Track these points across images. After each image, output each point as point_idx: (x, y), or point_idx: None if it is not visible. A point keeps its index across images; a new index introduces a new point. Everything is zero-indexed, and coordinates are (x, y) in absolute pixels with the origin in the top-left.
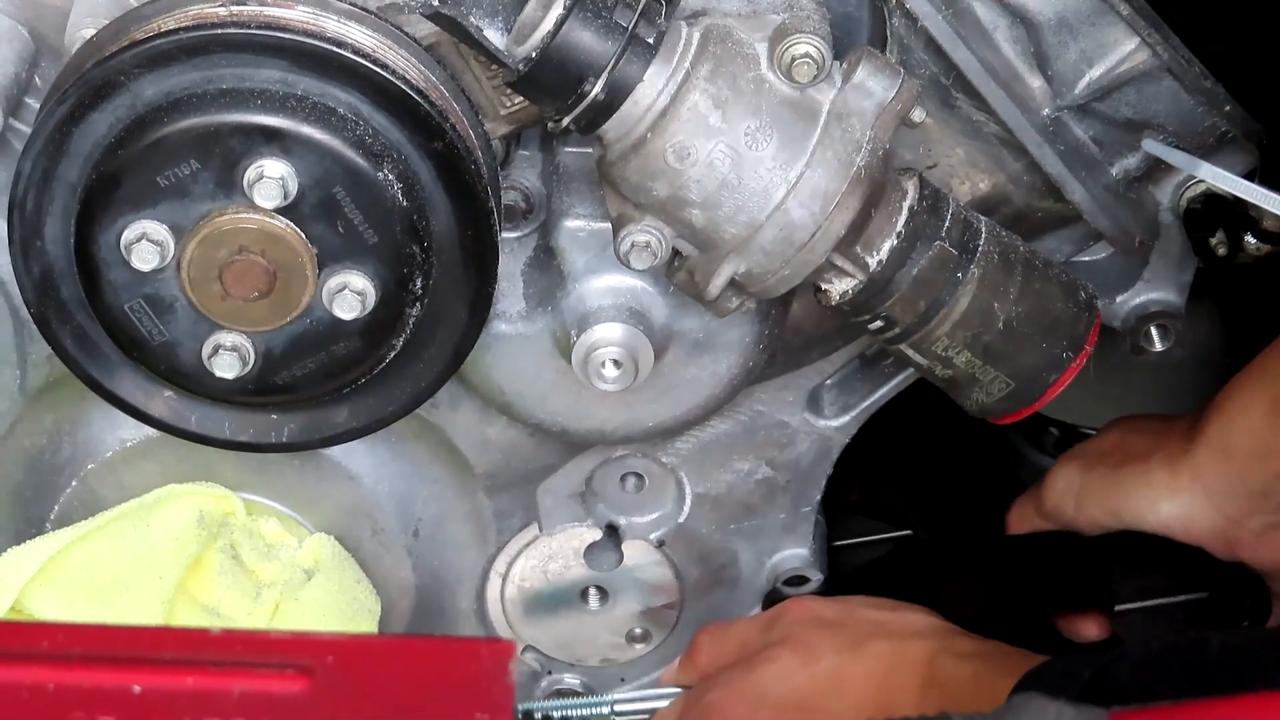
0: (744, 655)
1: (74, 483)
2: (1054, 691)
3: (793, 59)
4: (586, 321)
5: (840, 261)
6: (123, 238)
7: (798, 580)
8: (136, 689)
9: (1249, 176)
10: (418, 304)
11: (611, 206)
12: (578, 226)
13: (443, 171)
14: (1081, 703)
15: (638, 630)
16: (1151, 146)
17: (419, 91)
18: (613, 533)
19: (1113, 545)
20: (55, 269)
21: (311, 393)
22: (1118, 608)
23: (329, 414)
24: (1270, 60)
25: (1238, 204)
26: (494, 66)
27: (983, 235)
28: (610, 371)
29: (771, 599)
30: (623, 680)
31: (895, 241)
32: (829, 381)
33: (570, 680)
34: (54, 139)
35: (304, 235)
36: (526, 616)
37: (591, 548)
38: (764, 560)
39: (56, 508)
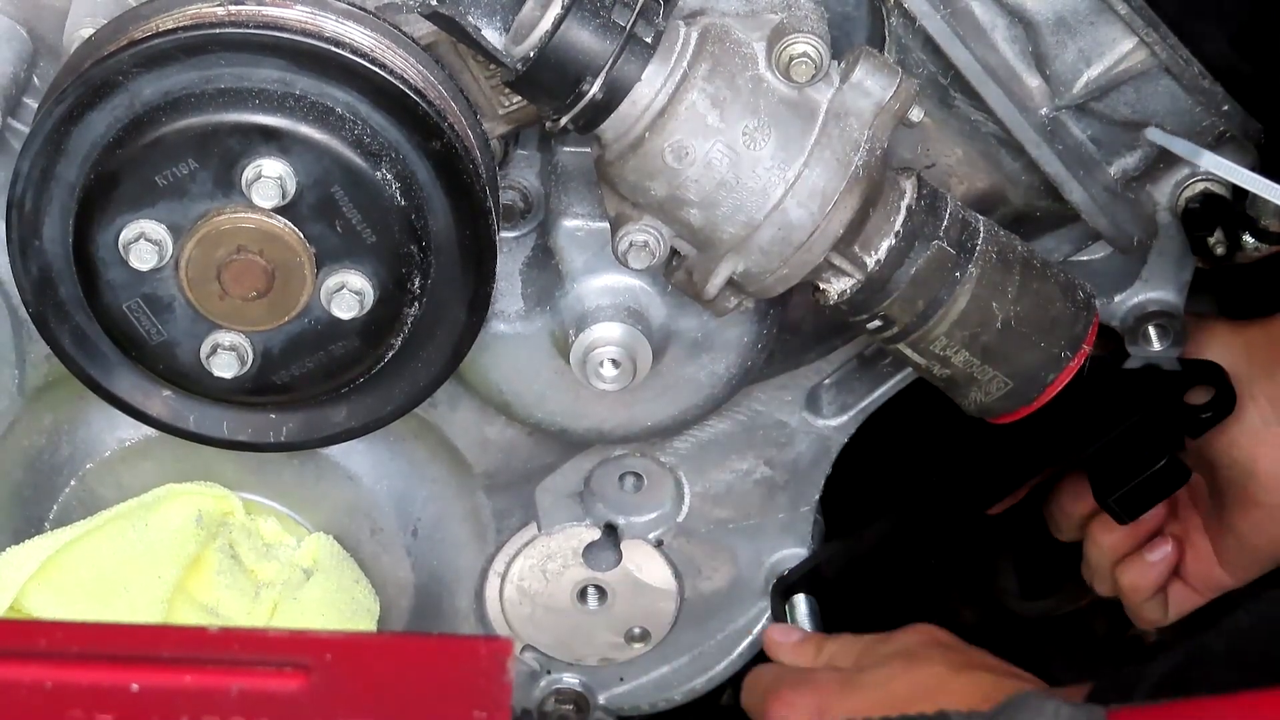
0: (860, 666)
1: (73, 482)
2: (1129, 683)
3: (791, 58)
4: (585, 321)
5: (838, 261)
6: (121, 237)
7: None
8: (135, 687)
9: None
10: (416, 303)
11: (609, 206)
12: (576, 226)
13: (441, 171)
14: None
15: (637, 630)
16: (1155, 135)
17: (417, 91)
18: (611, 532)
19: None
20: (54, 268)
21: (310, 392)
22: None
23: (327, 413)
24: (1269, 60)
25: (1236, 203)
26: (492, 66)
27: (981, 235)
28: (609, 371)
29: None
30: (621, 680)
31: (893, 241)
32: (827, 381)
33: (569, 679)
34: (52, 138)
35: (302, 235)
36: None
37: (590, 547)
38: (763, 559)
39: (55, 507)
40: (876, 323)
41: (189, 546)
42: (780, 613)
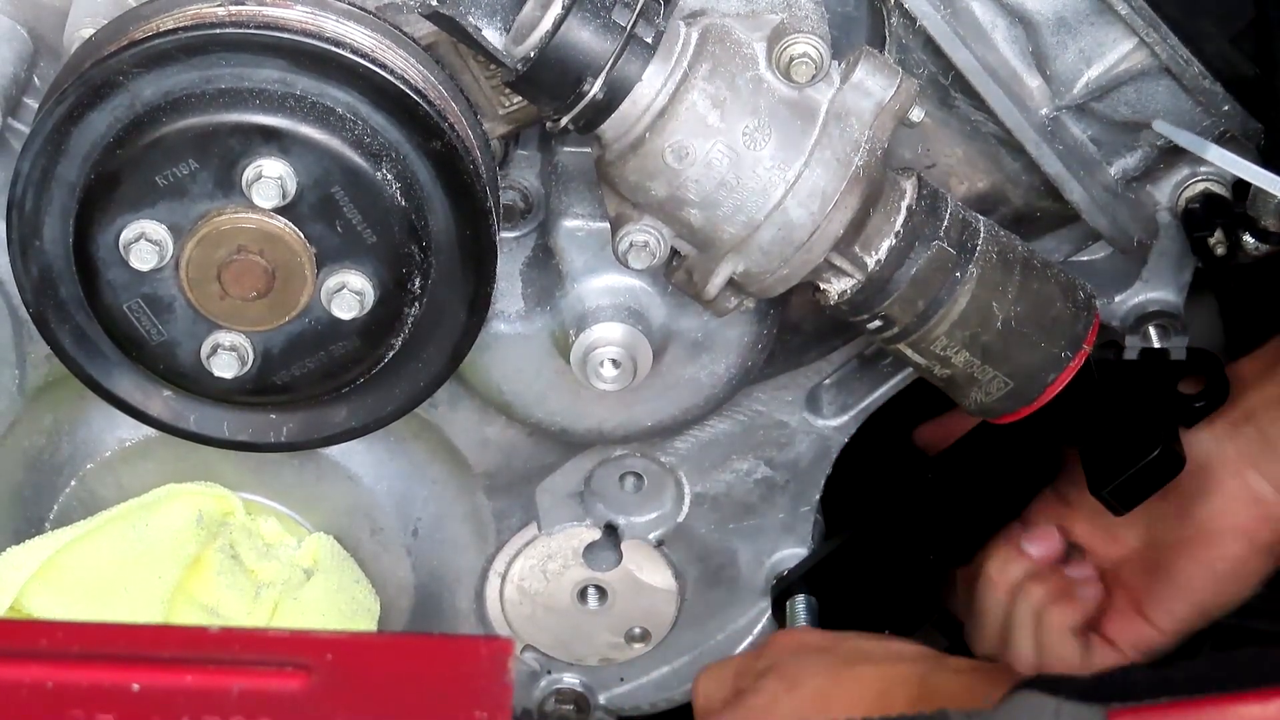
0: (738, 690)
1: (73, 482)
2: (1054, 689)
3: (791, 59)
4: (585, 321)
5: (839, 261)
6: (121, 237)
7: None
8: (135, 687)
9: (1247, 181)
10: (416, 304)
11: (610, 206)
12: (576, 226)
13: (441, 171)
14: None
15: (637, 630)
16: (1161, 126)
17: (417, 91)
18: (612, 532)
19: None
20: (54, 269)
21: (310, 392)
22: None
23: (328, 414)
24: (1269, 60)
25: (1236, 204)
26: (492, 66)
27: (981, 235)
28: (609, 371)
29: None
30: (622, 680)
31: (894, 241)
32: (828, 381)
33: (570, 679)
34: (53, 139)
35: (302, 235)
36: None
37: (590, 547)
38: (763, 560)
39: (56, 507)
40: (877, 323)
41: (189, 547)
42: (780, 613)
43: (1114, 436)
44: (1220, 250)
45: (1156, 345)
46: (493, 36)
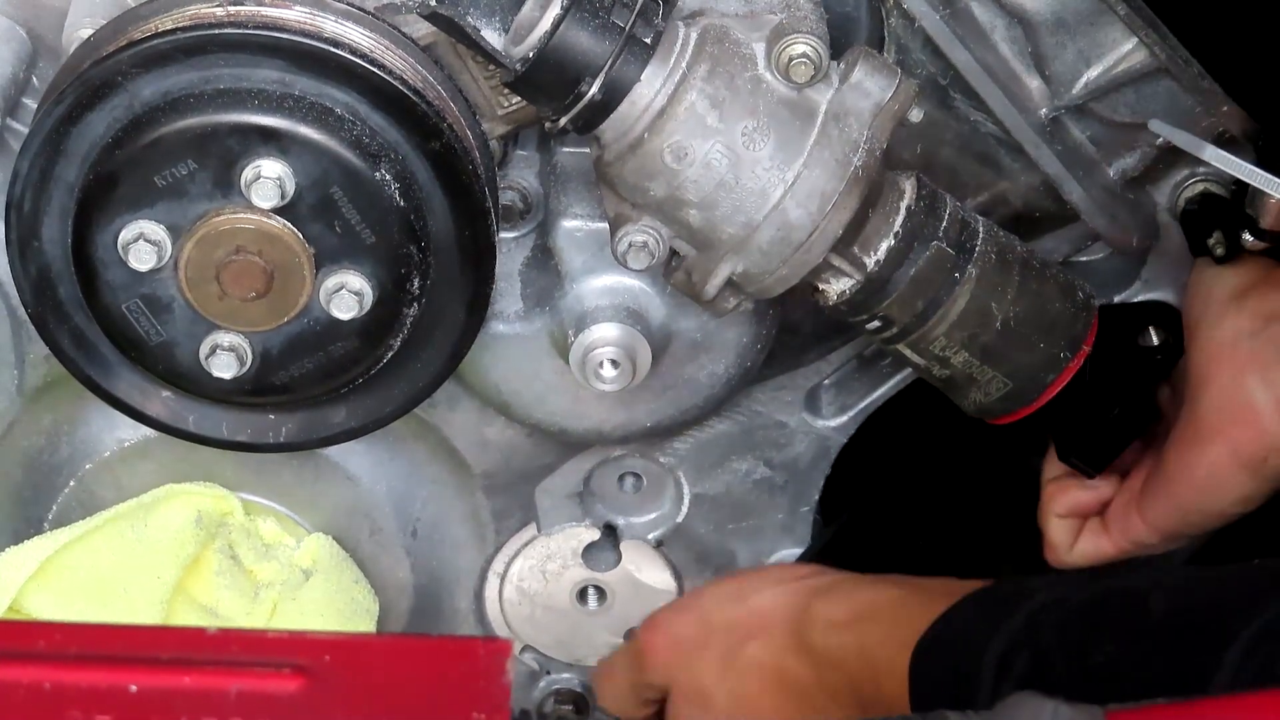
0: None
1: (72, 483)
2: (962, 658)
3: (790, 59)
4: (584, 321)
5: (838, 261)
6: (120, 238)
7: None
8: (133, 688)
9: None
10: (415, 304)
11: (609, 206)
12: (575, 226)
13: (440, 172)
14: (1076, 702)
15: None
16: (1158, 126)
17: (416, 92)
18: (611, 533)
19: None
20: (53, 269)
21: (309, 393)
22: None
23: (327, 414)
24: (1268, 60)
25: (1235, 204)
26: (491, 67)
27: (980, 235)
28: (608, 371)
29: None
30: None
31: (893, 241)
32: (827, 381)
33: (569, 680)
34: (51, 139)
35: (301, 235)
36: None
37: (589, 548)
38: (762, 560)
39: (54, 508)
40: (876, 323)
41: (188, 547)
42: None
43: (1076, 398)
44: (1219, 250)
45: (1156, 345)
46: (491, 37)
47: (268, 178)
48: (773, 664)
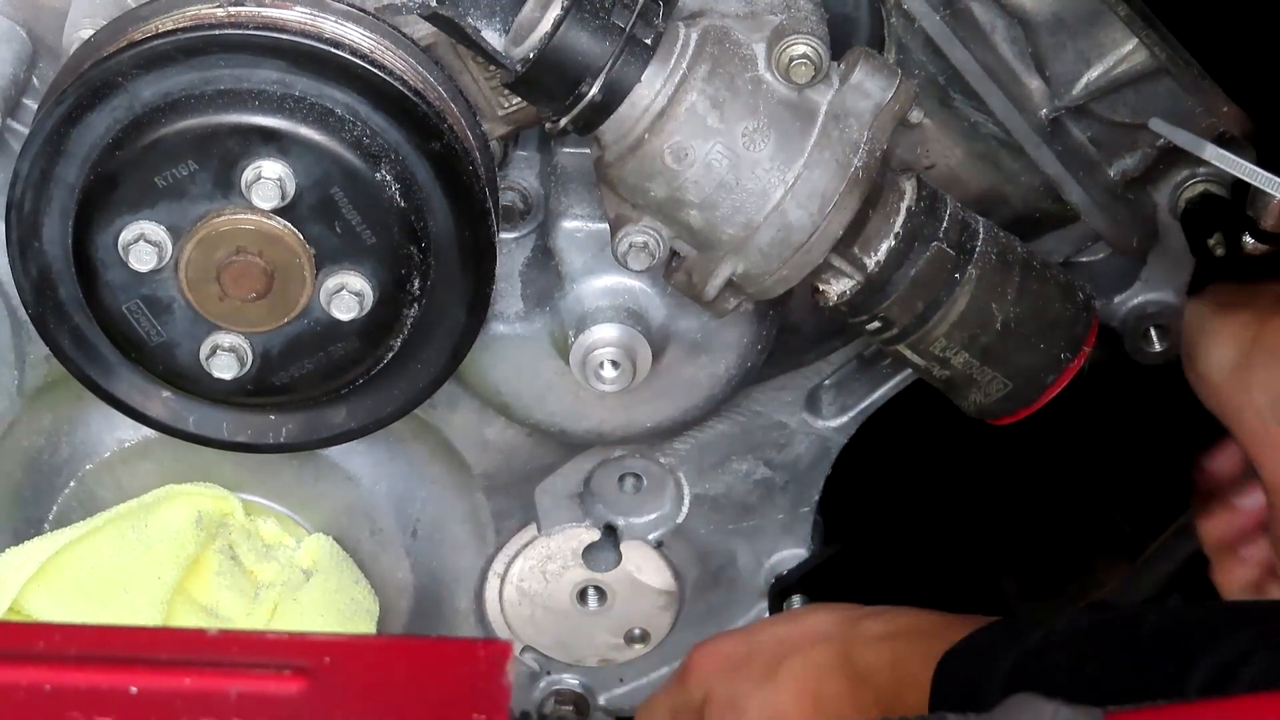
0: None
1: (72, 483)
2: (978, 671)
3: (790, 60)
4: (584, 322)
5: (838, 262)
6: (120, 238)
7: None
8: (133, 690)
9: (1246, 182)
10: (415, 305)
11: (609, 207)
12: (575, 227)
13: (441, 172)
14: (1076, 704)
15: (636, 631)
16: (1158, 125)
17: (416, 92)
18: (611, 533)
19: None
20: (53, 270)
21: (309, 393)
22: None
23: (327, 415)
24: (1268, 61)
25: (1235, 204)
26: (492, 67)
27: (980, 236)
28: (608, 372)
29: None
30: (621, 680)
31: (893, 242)
32: (827, 382)
33: (569, 680)
34: (52, 140)
35: (302, 236)
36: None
37: (590, 548)
38: (762, 561)
39: (55, 508)
40: (876, 324)
41: (188, 547)
42: (778, 613)
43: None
44: (1219, 251)
45: (1157, 347)
46: (492, 38)
47: (268, 178)
48: (811, 678)
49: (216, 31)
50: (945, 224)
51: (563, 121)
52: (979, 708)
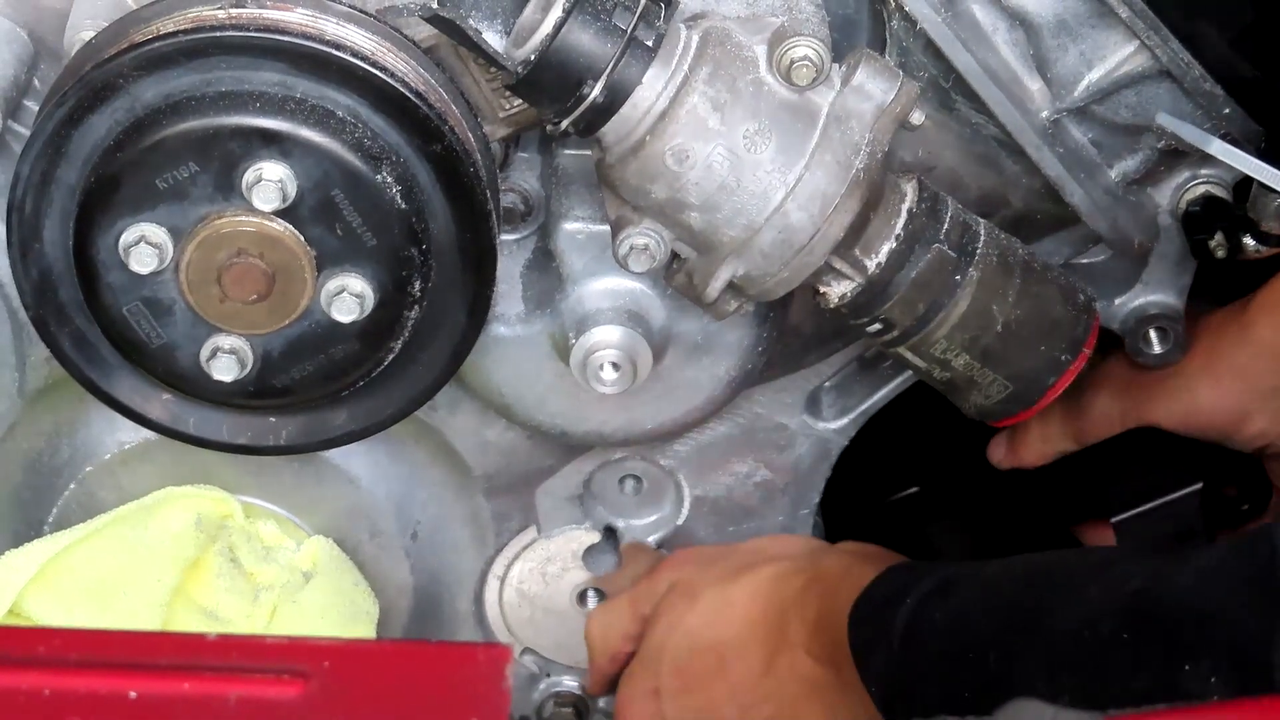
0: (640, 618)
1: (72, 485)
2: (904, 582)
3: (792, 61)
4: (585, 324)
5: (839, 264)
6: (121, 240)
7: None
8: (132, 694)
9: (1248, 183)
10: (416, 307)
11: (610, 209)
12: (576, 229)
13: (441, 174)
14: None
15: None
16: (1165, 120)
17: (418, 94)
18: (611, 535)
19: (1109, 452)
20: (54, 271)
21: (310, 395)
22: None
23: (327, 417)
24: (1270, 62)
25: (1236, 206)
26: (493, 69)
27: (981, 238)
28: (609, 374)
29: None
30: None
31: (894, 244)
32: (827, 384)
33: (569, 682)
34: (53, 141)
35: (302, 238)
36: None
37: (590, 550)
38: None
39: (55, 510)
40: (877, 326)
41: (188, 550)
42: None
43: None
44: (1220, 253)
45: (1157, 349)
46: (493, 39)
47: (269, 180)
48: (771, 581)
49: (218, 33)
50: (946, 226)
51: (564, 123)
52: (886, 637)
